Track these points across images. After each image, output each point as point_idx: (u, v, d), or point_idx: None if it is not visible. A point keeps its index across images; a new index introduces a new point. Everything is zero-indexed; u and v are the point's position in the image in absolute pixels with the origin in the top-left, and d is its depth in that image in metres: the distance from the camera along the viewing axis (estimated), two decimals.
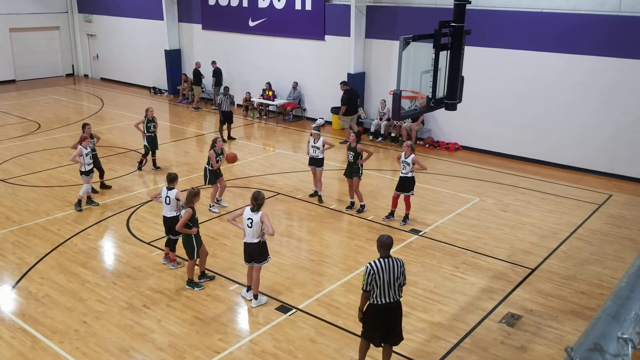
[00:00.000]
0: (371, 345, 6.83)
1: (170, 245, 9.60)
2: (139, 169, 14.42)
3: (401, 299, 6.65)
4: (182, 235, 8.78)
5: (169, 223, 9.37)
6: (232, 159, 11.98)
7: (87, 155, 11.73)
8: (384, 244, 6.48)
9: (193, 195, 8.64)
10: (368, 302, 6.55)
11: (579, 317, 8.34)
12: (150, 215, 11.79)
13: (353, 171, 11.80)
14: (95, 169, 12.82)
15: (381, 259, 6.43)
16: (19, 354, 7.31)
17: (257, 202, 8.00)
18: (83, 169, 11.72)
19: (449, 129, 17.09)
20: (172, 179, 9.35)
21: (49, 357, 7.27)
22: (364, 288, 6.45)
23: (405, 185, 11.24)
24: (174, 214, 9.29)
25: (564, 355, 1.96)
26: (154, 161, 14.53)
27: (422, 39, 8.75)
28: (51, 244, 10.39)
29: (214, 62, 21.45)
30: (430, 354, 7.43)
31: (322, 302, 8.57)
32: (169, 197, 9.27)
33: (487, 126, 16.33)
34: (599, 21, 13.97)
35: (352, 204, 12.19)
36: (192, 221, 8.63)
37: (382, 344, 6.80)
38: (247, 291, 8.64)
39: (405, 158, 11.10)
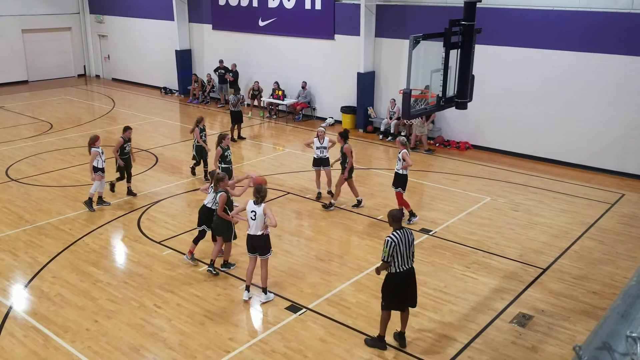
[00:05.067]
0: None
1: (197, 237, 9.71)
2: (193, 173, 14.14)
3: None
4: (220, 220, 9.07)
5: (203, 212, 9.54)
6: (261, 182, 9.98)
7: (102, 153, 11.93)
8: (396, 218, 7.11)
9: (218, 180, 9.02)
10: (388, 273, 7.10)
11: (591, 317, 8.28)
12: (161, 214, 11.84)
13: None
14: (124, 172, 12.68)
15: (397, 231, 7.03)
16: (32, 353, 7.38)
17: (260, 194, 8.10)
18: (99, 165, 11.81)
19: (459, 128, 17.02)
20: (212, 176, 9.64)
21: (61, 356, 7.33)
22: (385, 259, 6.99)
23: (395, 181, 11.30)
24: (206, 203, 9.52)
25: (574, 355, 1.95)
26: (205, 172, 13.84)
27: (432, 37, 8.73)
28: (63, 244, 10.46)
29: (234, 65, 21.64)
30: (441, 354, 7.41)
31: (332, 302, 8.57)
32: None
33: (497, 125, 16.25)
34: (611, 19, 13.84)
35: (360, 202, 12.22)
36: (228, 204, 8.96)
37: (404, 308, 7.38)
38: (247, 291, 8.64)
39: (398, 154, 11.13)
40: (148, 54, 25.90)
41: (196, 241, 9.74)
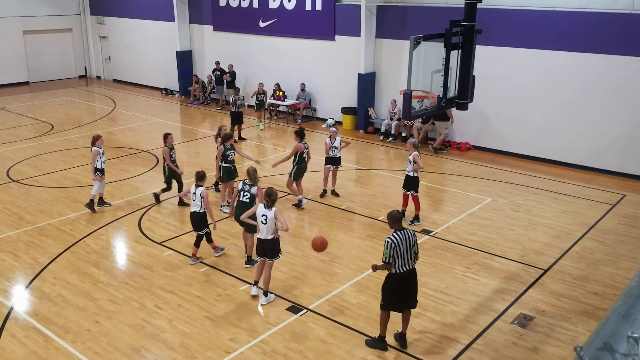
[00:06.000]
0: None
1: (197, 241, 9.74)
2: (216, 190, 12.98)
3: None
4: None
5: (196, 218, 9.60)
6: (320, 245, 8.32)
7: (102, 154, 11.87)
8: (396, 219, 7.13)
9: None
10: (389, 273, 7.12)
11: (592, 318, 8.27)
12: (161, 215, 11.84)
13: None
14: (173, 180, 12.19)
15: (397, 232, 7.04)
16: (32, 353, 7.38)
17: (271, 198, 8.11)
18: (98, 166, 11.76)
19: (460, 128, 17.00)
20: (201, 177, 9.63)
21: (62, 357, 7.33)
22: (386, 260, 7.01)
23: (407, 183, 11.29)
24: (196, 209, 9.56)
25: (575, 355, 1.94)
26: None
27: (432, 38, 8.73)
28: (64, 244, 10.47)
29: (230, 65, 21.60)
30: (441, 354, 7.40)
31: (332, 303, 8.56)
32: (195, 193, 9.51)
33: (498, 126, 16.24)
34: (612, 19, 13.84)
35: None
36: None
37: (404, 310, 7.38)
38: (255, 285, 8.68)
39: (409, 156, 11.11)
40: (149, 55, 25.92)
41: (198, 244, 9.81)
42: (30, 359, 7.29)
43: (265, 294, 8.53)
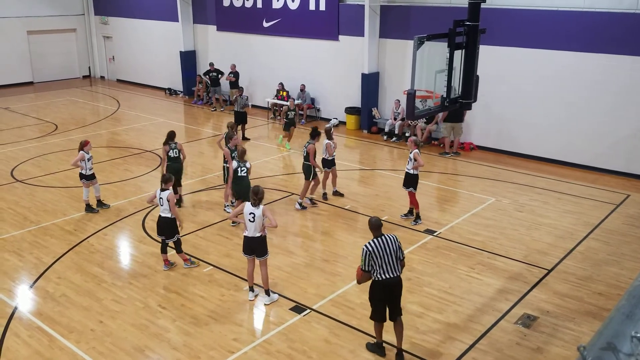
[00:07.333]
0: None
1: (177, 247, 9.58)
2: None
3: (401, 275, 7.02)
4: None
5: (163, 223, 9.35)
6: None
7: (88, 160, 11.66)
8: (374, 225, 6.95)
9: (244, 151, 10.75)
10: (372, 280, 6.95)
11: (596, 318, 8.25)
12: None
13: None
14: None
15: (375, 239, 6.86)
16: (36, 353, 7.40)
17: (258, 196, 8.15)
18: (84, 172, 11.71)
19: (463, 128, 16.96)
20: (166, 180, 9.39)
21: (66, 356, 7.34)
22: (364, 269, 6.87)
23: (406, 181, 11.30)
24: (168, 215, 9.30)
25: (579, 355, 1.94)
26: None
27: (436, 38, 8.71)
28: (68, 244, 10.49)
29: (233, 65, 21.57)
30: (445, 355, 7.39)
31: (336, 303, 8.56)
32: (162, 198, 9.27)
33: (502, 126, 16.21)
34: (617, 19, 13.80)
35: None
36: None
37: (392, 319, 7.14)
38: (251, 291, 8.68)
39: (410, 153, 11.11)
40: (152, 55, 25.96)
41: (177, 250, 9.62)
42: (34, 358, 7.31)
43: (267, 292, 8.53)
